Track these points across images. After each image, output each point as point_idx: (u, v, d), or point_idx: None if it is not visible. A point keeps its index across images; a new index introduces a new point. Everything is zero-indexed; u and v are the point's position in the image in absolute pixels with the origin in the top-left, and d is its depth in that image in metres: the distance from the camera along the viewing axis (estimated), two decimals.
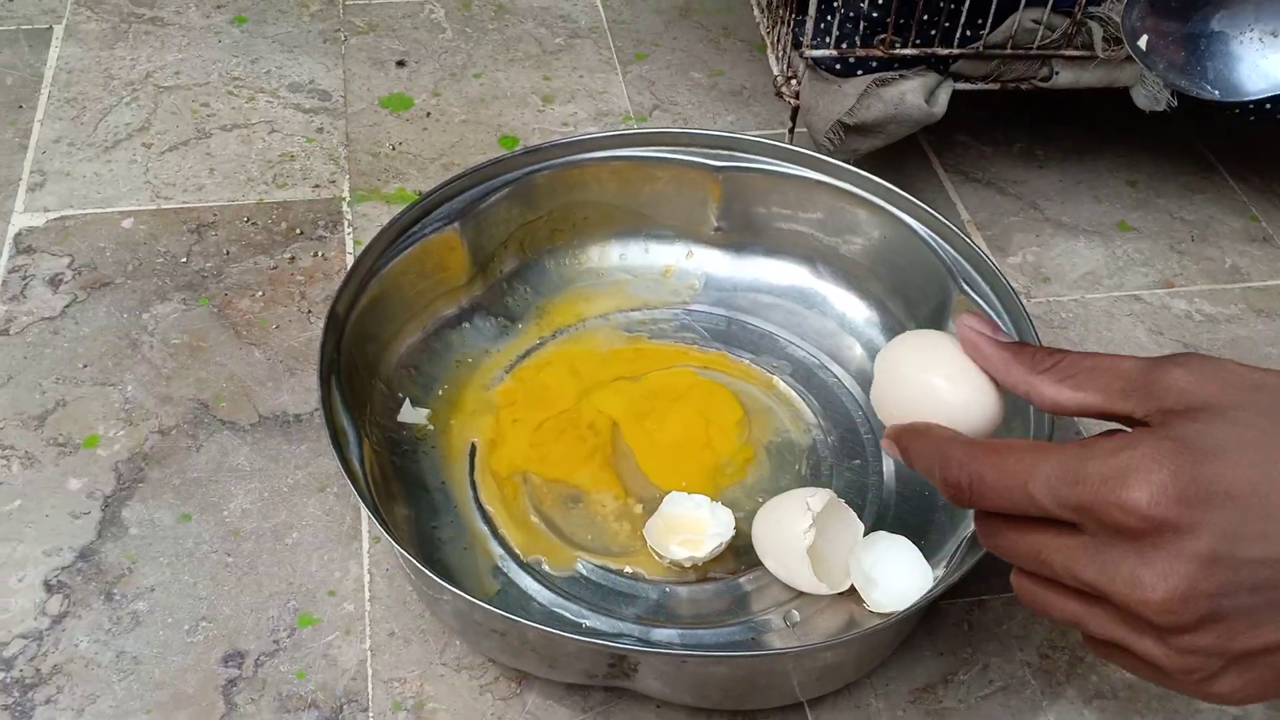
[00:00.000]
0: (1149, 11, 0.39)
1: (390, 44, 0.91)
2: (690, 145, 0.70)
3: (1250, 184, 0.84)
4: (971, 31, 0.72)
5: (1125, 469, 0.37)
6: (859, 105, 0.72)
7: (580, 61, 0.92)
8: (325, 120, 0.84)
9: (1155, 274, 0.77)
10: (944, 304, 0.65)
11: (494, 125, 0.85)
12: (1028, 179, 0.84)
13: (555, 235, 0.71)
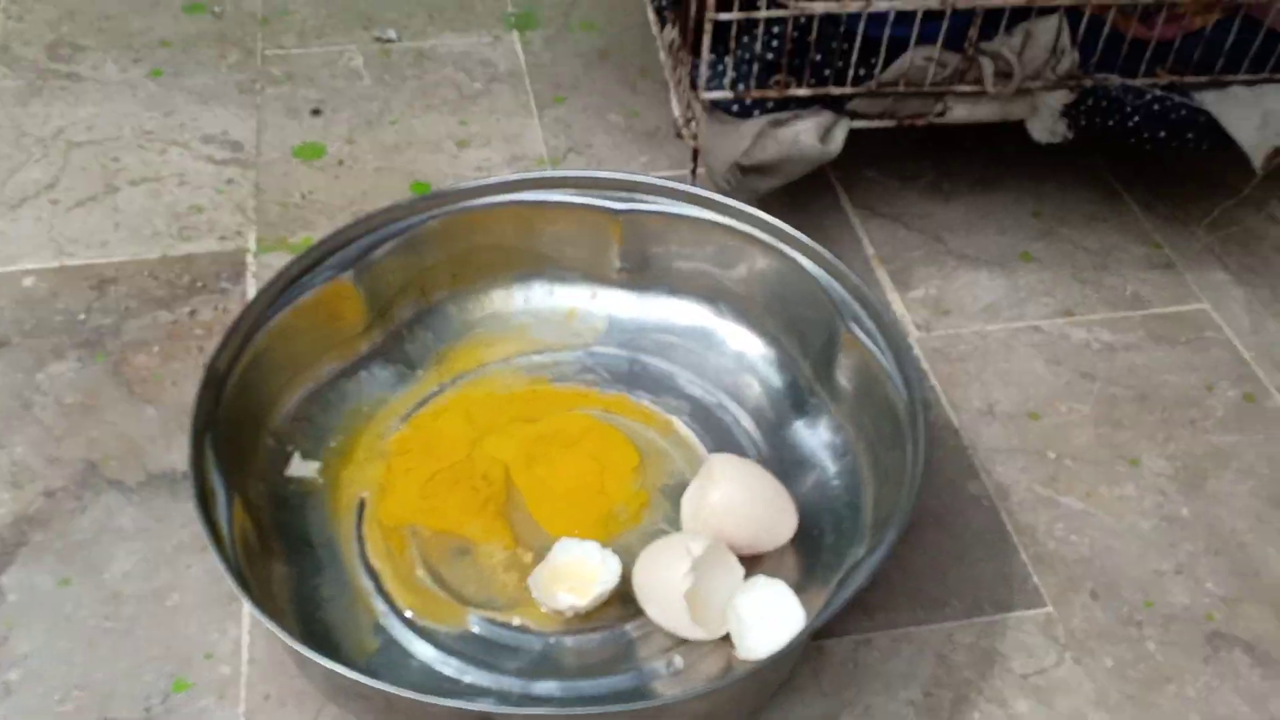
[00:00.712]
0: None
1: (307, 93, 0.92)
2: (590, 188, 0.71)
3: (1156, 211, 0.85)
4: (865, 70, 0.73)
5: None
6: (755, 146, 0.73)
7: (498, 105, 0.92)
8: (236, 171, 0.84)
9: (1056, 304, 0.78)
10: (833, 340, 0.65)
11: (407, 172, 0.85)
12: (933, 212, 0.85)
13: (457, 280, 0.72)
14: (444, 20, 1.00)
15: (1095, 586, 0.62)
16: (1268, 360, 0.75)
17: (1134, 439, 0.70)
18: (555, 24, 1.01)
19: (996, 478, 0.67)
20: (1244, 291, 0.79)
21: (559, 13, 1.02)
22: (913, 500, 0.53)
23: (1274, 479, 0.68)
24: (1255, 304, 0.78)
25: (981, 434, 0.70)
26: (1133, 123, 0.74)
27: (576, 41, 0.99)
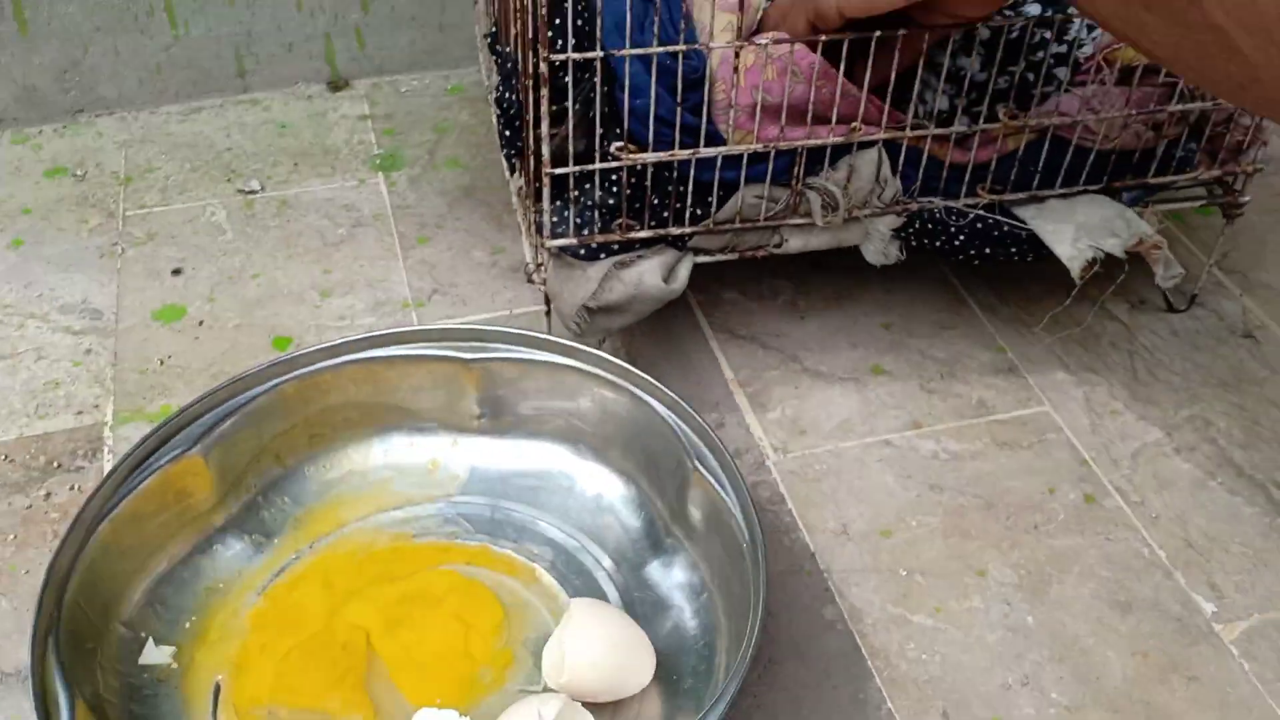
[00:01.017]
0: None
1: (168, 252, 0.93)
2: (441, 340, 0.73)
3: (999, 315, 0.89)
4: (701, 210, 0.76)
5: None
6: (602, 289, 0.75)
7: (362, 251, 0.94)
8: (95, 340, 0.84)
9: (905, 416, 0.81)
10: (684, 479, 0.67)
11: (268, 327, 0.86)
12: (790, 331, 0.88)
13: (314, 441, 0.72)
14: (309, 167, 1.02)
15: (946, 706, 0.64)
16: (1106, 459, 0.78)
17: (981, 549, 0.72)
18: (420, 163, 1.04)
19: (851, 600, 0.69)
20: (1083, 391, 0.83)
21: (424, 151, 1.05)
22: (750, 650, 0.55)
23: (1113, 580, 0.70)
24: (1094, 403, 0.82)
25: (836, 556, 0.72)
26: (959, 241, 0.78)
27: (442, 180, 1.02)
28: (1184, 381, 0.84)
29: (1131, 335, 0.87)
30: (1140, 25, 0.50)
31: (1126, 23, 0.51)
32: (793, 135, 0.73)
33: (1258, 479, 0.77)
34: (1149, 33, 0.50)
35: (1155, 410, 0.81)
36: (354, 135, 1.06)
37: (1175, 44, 0.49)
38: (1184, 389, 0.83)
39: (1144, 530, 0.73)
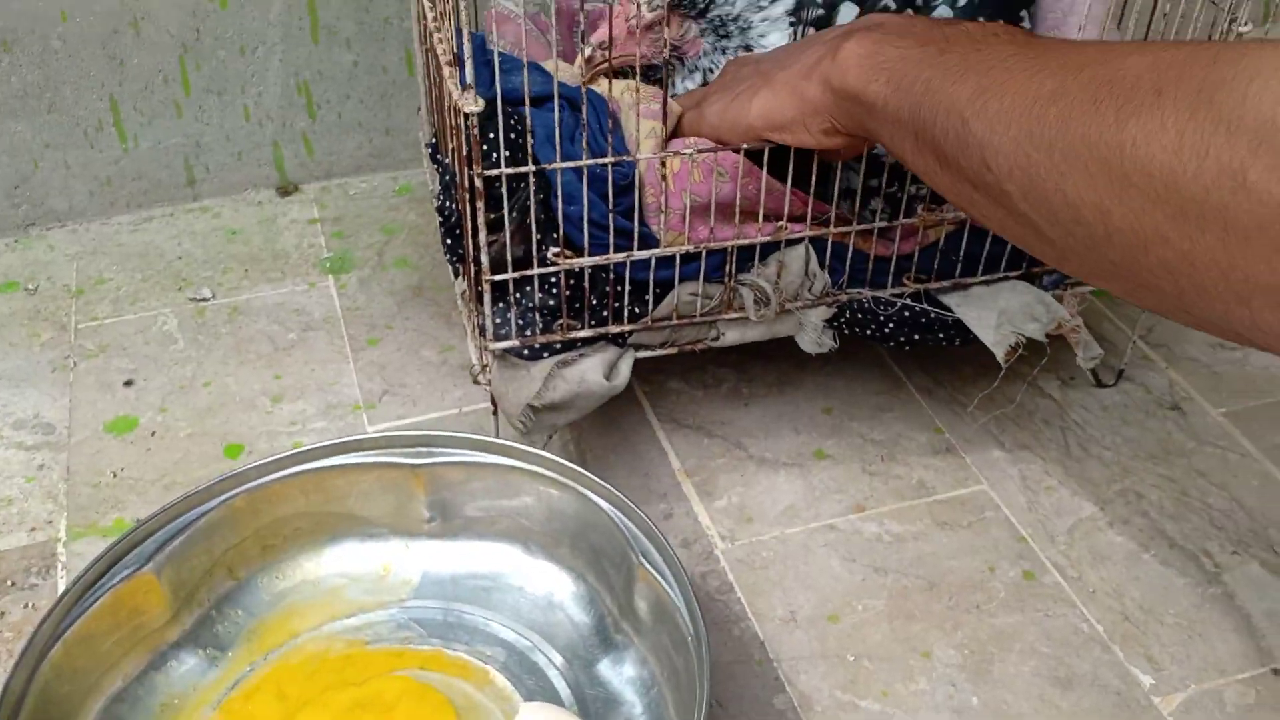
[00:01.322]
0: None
1: (120, 363, 0.94)
2: (388, 447, 0.74)
3: (935, 396, 0.92)
4: (639, 308, 0.78)
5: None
6: (545, 388, 0.77)
7: (312, 355, 0.96)
8: (47, 455, 0.85)
9: (848, 499, 0.83)
10: (630, 575, 0.68)
11: (220, 435, 0.87)
12: (734, 419, 0.90)
13: (266, 551, 0.73)
14: (259, 272, 1.04)
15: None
16: (1043, 535, 0.80)
17: (925, 630, 0.74)
18: (370, 264, 1.06)
19: (800, 687, 0.70)
20: (1018, 469, 0.85)
21: (373, 252, 1.07)
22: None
23: (1054, 656, 0.72)
24: (1029, 480, 0.84)
25: (785, 643, 0.73)
26: (889, 329, 0.81)
27: (391, 280, 1.04)
28: (1115, 455, 0.86)
29: (1063, 411, 0.90)
30: (971, 202, 0.56)
31: (959, 197, 0.57)
32: (722, 235, 0.76)
33: (1189, 549, 0.79)
34: (979, 208, 0.55)
35: (1088, 485, 0.84)
36: (304, 239, 1.08)
37: (1000, 221, 0.54)
38: (1115, 463, 0.86)
39: (1082, 605, 0.75)
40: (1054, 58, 0.52)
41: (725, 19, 0.78)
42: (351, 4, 1.09)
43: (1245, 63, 0.43)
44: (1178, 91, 0.44)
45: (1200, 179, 0.43)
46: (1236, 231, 0.42)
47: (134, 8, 1.03)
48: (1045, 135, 0.49)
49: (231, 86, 1.09)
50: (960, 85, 0.54)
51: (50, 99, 1.04)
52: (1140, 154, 0.45)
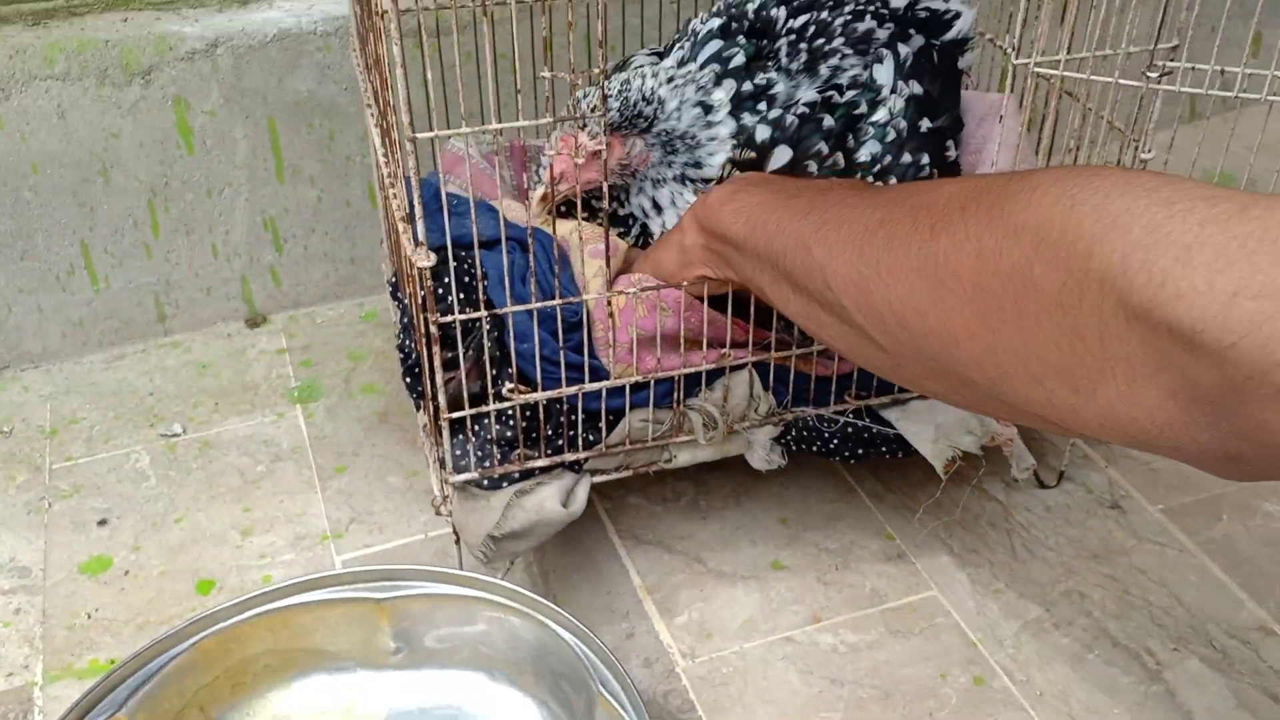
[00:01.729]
0: None
1: (94, 503, 0.96)
2: (353, 582, 0.77)
3: (885, 502, 0.95)
4: (594, 435, 0.82)
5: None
6: (505, 517, 0.80)
7: (281, 485, 0.98)
8: (23, 599, 0.87)
9: (805, 610, 0.86)
10: (590, 702, 0.71)
11: (192, 571, 0.90)
12: (693, 532, 0.93)
13: (236, 690, 0.75)
14: (229, 405, 1.07)
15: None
16: (991, 639, 0.83)
17: None
18: (337, 392, 1.09)
19: None
20: (967, 573, 0.88)
21: (340, 380, 1.11)
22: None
23: None
24: (978, 585, 0.87)
25: None
26: (834, 444, 0.84)
27: (358, 407, 1.07)
28: (1059, 556, 0.90)
29: (1008, 513, 0.93)
30: (820, 323, 0.63)
31: (809, 320, 0.64)
32: (669, 364, 0.80)
33: (1131, 648, 0.82)
34: (826, 328, 0.63)
35: (1034, 587, 0.87)
36: (272, 370, 1.12)
37: (842, 337, 0.62)
38: (1059, 563, 0.89)
39: (1030, 709, 0.78)
40: (884, 195, 0.62)
41: (671, 134, 0.81)
42: (314, 144, 1.14)
43: (1032, 179, 0.50)
44: (978, 207, 0.52)
45: (998, 277, 0.50)
46: (1028, 319, 0.49)
47: (104, 157, 1.08)
48: (874, 254, 0.57)
49: (199, 226, 1.13)
50: (805, 221, 0.63)
51: (23, 247, 1.08)
52: (950, 261, 0.52)
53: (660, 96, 0.80)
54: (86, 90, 1.06)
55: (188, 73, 1.08)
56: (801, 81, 0.84)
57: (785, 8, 0.88)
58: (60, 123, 1.06)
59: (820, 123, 0.81)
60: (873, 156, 0.82)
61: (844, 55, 0.85)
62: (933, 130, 0.85)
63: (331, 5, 1.12)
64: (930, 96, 0.85)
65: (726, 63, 0.85)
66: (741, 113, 0.81)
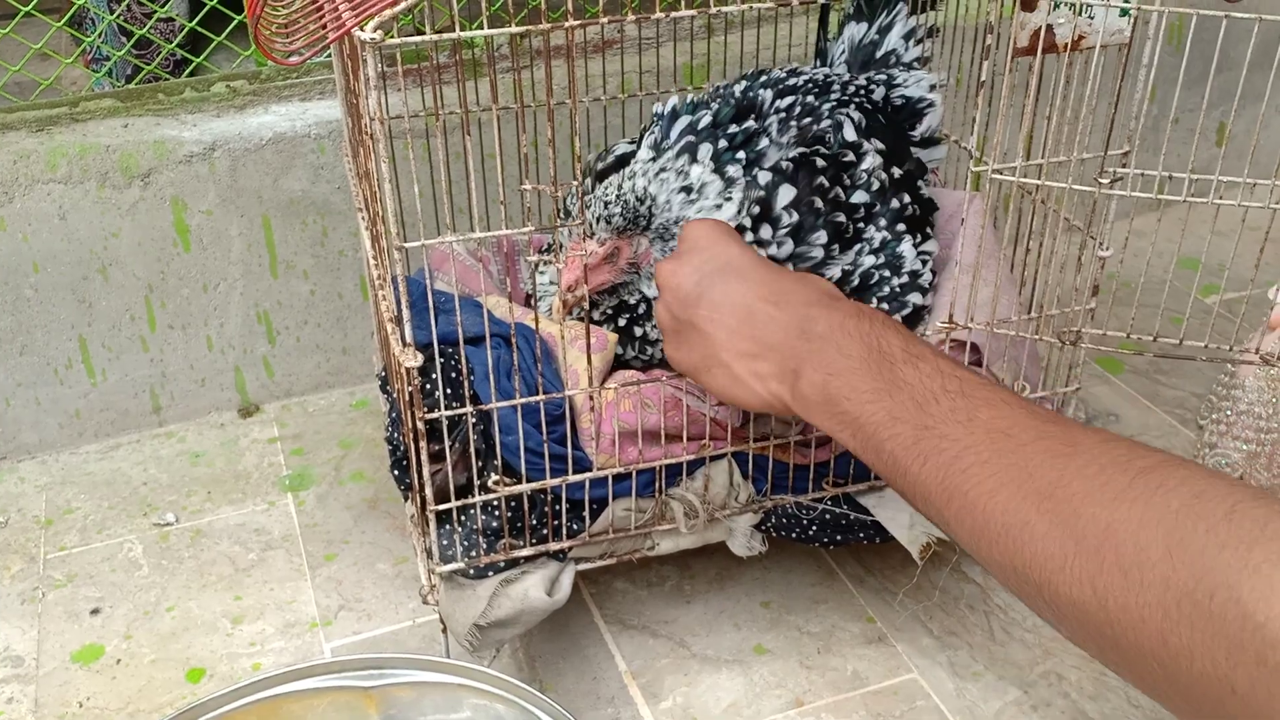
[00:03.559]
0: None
1: (87, 592, 0.97)
2: (341, 671, 0.78)
3: (866, 584, 0.97)
4: (577, 524, 0.84)
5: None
6: (490, 606, 0.82)
7: (271, 574, 1.00)
8: (16, 689, 0.88)
9: (788, 694, 0.87)
10: None
11: (183, 660, 0.91)
12: (677, 616, 0.94)
13: None
14: (221, 494, 1.09)
15: None
16: None
17: None
18: (328, 479, 1.11)
19: None
20: (947, 656, 0.90)
21: (330, 468, 1.13)
22: None
23: None
24: (957, 666, 0.89)
25: None
26: (812, 531, 0.87)
27: (347, 494, 1.09)
28: (1036, 637, 0.91)
29: (986, 595, 0.95)
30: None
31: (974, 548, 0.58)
32: (651, 455, 0.82)
33: None
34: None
35: (1012, 668, 0.89)
36: (264, 458, 1.14)
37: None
38: (1037, 645, 0.91)
39: None
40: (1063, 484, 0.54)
41: (668, 224, 0.85)
42: (307, 240, 1.17)
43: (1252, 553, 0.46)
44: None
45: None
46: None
47: (103, 256, 1.11)
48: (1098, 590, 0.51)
49: (195, 320, 1.16)
50: (939, 494, 0.58)
51: (22, 342, 1.11)
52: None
53: (651, 194, 0.84)
54: (87, 192, 1.09)
55: (186, 174, 1.12)
56: (790, 145, 0.88)
57: (771, 90, 0.92)
58: (61, 223, 1.09)
59: (814, 164, 0.86)
60: (863, 203, 0.87)
61: (829, 129, 0.90)
62: (904, 175, 0.91)
63: (325, 110, 1.16)
64: (891, 149, 0.91)
65: (696, 128, 0.89)
66: (724, 167, 0.85)
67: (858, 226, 0.88)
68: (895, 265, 0.89)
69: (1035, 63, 0.79)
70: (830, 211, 0.86)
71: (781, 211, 0.85)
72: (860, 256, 0.88)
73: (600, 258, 0.84)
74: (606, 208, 0.83)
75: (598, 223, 0.83)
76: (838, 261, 0.87)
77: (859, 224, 0.88)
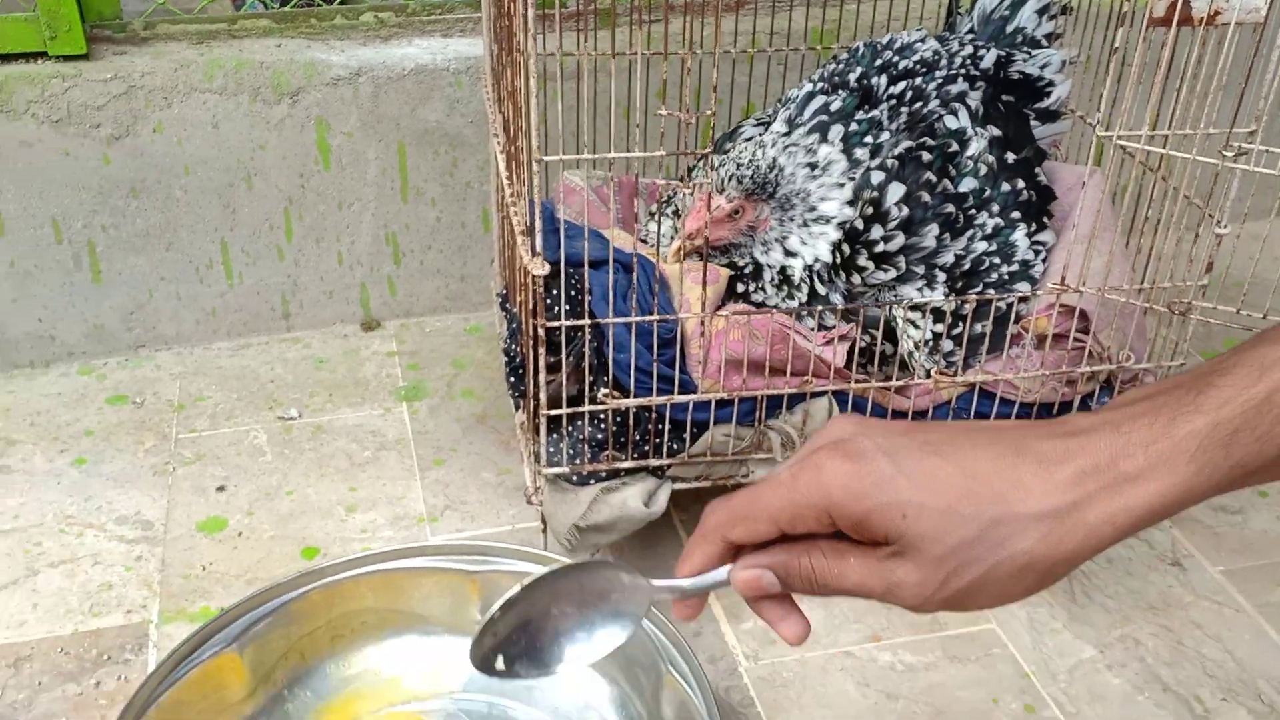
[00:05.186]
0: (495, 638, 0.49)
1: (214, 470, 1.05)
2: (449, 554, 0.83)
3: None
4: (678, 444, 0.88)
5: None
6: (590, 510, 0.86)
7: (384, 471, 1.06)
8: (145, 548, 0.95)
9: (866, 629, 0.90)
10: (659, 681, 0.76)
11: (299, 538, 0.97)
12: None
13: (335, 641, 0.82)
14: (341, 396, 1.16)
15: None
16: (1045, 673, 0.86)
17: None
18: (440, 393, 1.17)
19: None
20: (1026, 611, 0.92)
21: (443, 384, 1.18)
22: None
23: None
24: (1035, 622, 0.91)
25: None
26: None
27: (458, 408, 1.15)
28: (1117, 604, 0.93)
29: None
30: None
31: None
32: (754, 385, 0.86)
33: (1181, 694, 0.85)
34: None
35: (1090, 629, 0.90)
36: (382, 369, 1.20)
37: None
38: (1117, 611, 0.92)
39: None
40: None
41: (790, 195, 0.89)
42: (438, 169, 1.23)
43: None
44: None
45: None
46: None
47: (249, 165, 1.18)
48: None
49: (328, 235, 1.23)
50: None
51: (169, 239, 1.19)
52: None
53: (780, 164, 0.88)
54: (240, 105, 1.16)
55: (331, 96, 1.18)
56: (900, 139, 0.91)
57: (885, 76, 0.96)
58: (214, 131, 1.16)
59: (920, 159, 0.88)
60: (972, 190, 0.89)
61: (938, 115, 0.92)
62: (1019, 160, 0.92)
63: (464, 46, 1.22)
64: (1007, 136, 0.92)
65: (829, 109, 0.92)
66: (853, 149, 0.88)
67: (969, 214, 0.90)
68: (1007, 253, 0.91)
69: (1169, 34, 0.80)
70: (939, 204, 0.89)
71: (891, 207, 0.88)
72: (973, 243, 0.90)
73: (725, 213, 0.88)
74: (739, 168, 0.87)
75: (728, 180, 0.88)
76: (950, 248, 0.89)
77: (970, 211, 0.90)
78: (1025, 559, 0.44)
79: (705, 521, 0.50)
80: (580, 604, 0.50)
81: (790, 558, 0.47)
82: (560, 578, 0.49)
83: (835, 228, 0.89)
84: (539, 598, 0.49)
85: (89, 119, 1.11)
